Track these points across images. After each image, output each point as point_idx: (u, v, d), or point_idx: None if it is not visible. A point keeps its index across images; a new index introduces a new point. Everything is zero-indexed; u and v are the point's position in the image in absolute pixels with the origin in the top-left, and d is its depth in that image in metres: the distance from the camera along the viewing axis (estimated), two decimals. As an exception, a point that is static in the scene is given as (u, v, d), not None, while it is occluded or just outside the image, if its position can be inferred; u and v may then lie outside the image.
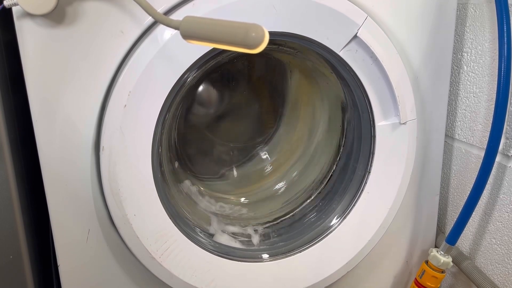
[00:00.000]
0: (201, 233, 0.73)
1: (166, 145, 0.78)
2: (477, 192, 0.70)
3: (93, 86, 0.57)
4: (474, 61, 0.75)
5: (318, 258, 0.73)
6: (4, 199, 0.61)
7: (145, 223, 0.61)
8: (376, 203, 0.74)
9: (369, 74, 0.67)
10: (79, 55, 0.56)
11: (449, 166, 0.85)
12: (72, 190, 0.61)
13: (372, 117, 0.70)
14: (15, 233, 0.63)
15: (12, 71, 0.63)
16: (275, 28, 0.60)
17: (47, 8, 0.51)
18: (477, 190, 0.70)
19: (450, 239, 0.75)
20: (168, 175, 0.78)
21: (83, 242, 0.64)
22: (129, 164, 0.58)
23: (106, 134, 0.57)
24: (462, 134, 0.80)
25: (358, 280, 0.84)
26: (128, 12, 0.55)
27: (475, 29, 0.74)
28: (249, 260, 0.70)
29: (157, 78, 0.56)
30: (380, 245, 0.77)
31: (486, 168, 0.68)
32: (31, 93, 0.55)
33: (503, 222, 0.73)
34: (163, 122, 0.65)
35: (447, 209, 0.87)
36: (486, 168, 0.68)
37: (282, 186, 0.92)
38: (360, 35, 0.63)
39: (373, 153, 0.72)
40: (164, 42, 0.55)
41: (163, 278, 0.64)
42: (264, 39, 0.38)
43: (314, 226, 0.77)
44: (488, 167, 0.68)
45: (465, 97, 0.79)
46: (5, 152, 0.60)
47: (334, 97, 0.84)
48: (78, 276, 0.65)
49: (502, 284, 0.74)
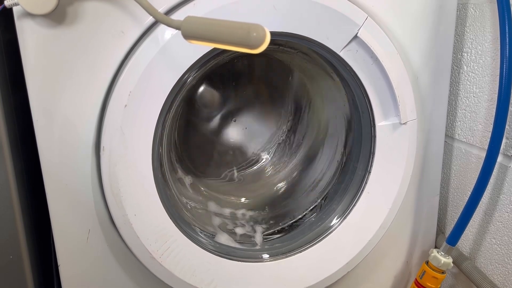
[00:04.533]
0: (201, 233, 0.73)
1: (166, 145, 0.78)
2: (478, 193, 0.70)
3: (94, 86, 0.57)
4: (474, 61, 0.75)
5: (318, 258, 0.73)
6: (4, 199, 0.61)
7: (145, 223, 0.61)
8: (376, 203, 0.74)
9: (369, 74, 0.67)
10: (80, 55, 0.55)
11: (449, 166, 0.85)
12: (72, 190, 0.61)
13: (372, 117, 0.70)
14: (15, 233, 0.63)
15: (12, 71, 0.63)
16: (276, 28, 0.60)
17: (48, 8, 0.51)
18: (478, 191, 0.70)
19: (450, 240, 0.75)
20: (168, 175, 0.78)
21: (83, 242, 0.63)
22: (130, 164, 0.58)
23: (106, 134, 0.57)
24: (462, 134, 0.80)
25: (358, 280, 0.84)
26: (128, 12, 0.55)
27: (475, 29, 0.75)
28: (249, 260, 0.70)
29: (158, 78, 0.56)
30: (380, 245, 0.77)
31: (487, 169, 0.68)
32: (31, 93, 0.55)
33: (503, 222, 0.73)
34: (163, 122, 0.65)
35: (447, 209, 0.87)
36: (487, 169, 0.68)
37: (282, 186, 0.92)
38: (360, 35, 0.63)
39: (373, 153, 0.72)
40: (164, 42, 0.55)
41: (163, 278, 0.64)
42: (265, 39, 0.38)
43: (314, 226, 0.77)
44: (489, 169, 0.68)
45: (465, 97, 0.79)
46: (5, 152, 0.60)
47: (334, 97, 0.84)
48: (78, 276, 0.65)
49: (502, 284, 0.74)
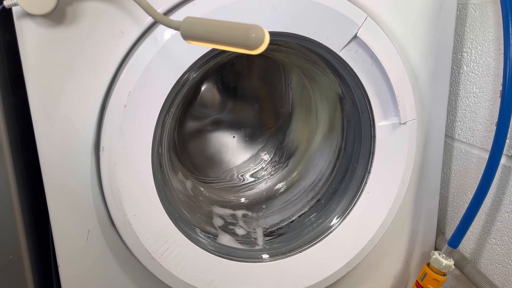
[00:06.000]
0: (201, 233, 0.73)
1: (166, 145, 0.78)
2: (480, 195, 0.69)
3: (93, 86, 0.57)
4: (474, 61, 0.75)
5: (318, 258, 0.73)
6: (4, 199, 0.61)
7: (145, 223, 0.61)
8: (376, 203, 0.74)
9: (369, 74, 0.67)
10: (79, 55, 0.55)
11: (449, 166, 0.85)
12: (72, 190, 0.61)
13: (372, 117, 0.70)
14: (15, 233, 0.63)
15: (12, 71, 0.63)
16: (275, 28, 0.60)
17: (47, 8, 0.51)
18: (480, 193, 0.69)
19: (452, 242, 0.75)
20: (168, 175, 0.78)
21: (83, 242, 0.64)
22: (129, 164, 0.58)
23: (106, 134, 0.57)
24: (462, 134, 0.80)
25: (358, 280, 0.84)
26: (128, 12, 0.55)
27: (475, 29, 0.74)
28: (249, 260, 0.70)
29: (157, 78, 0.56)
30: (380, 245, 0.77)
31: (490, 171, 0.67)
32: (31, 93, 0.55)
33: (503, 222, 0.73)
34: (163, 122, 0.65)
35: (447, 209, 0.87)
36: (490, 172, 0.67)
37: (282, 186, 0.92)
38: (360, 35, 0.63)
39: (373, 153, 0.72)
40: (164, 42, 0.55)
41: (163, 278, 0.64)
42: (264, 40, 0.38)
43: (314, 226, 0.77)
44: (492, 171, 0.67)
45: (465, 97, 0.79)
46: (5, 152, 0.60)
47: (334, 97, 0.84)
48: (78, 276, 0.65)
49: (502, 284, 0.74)
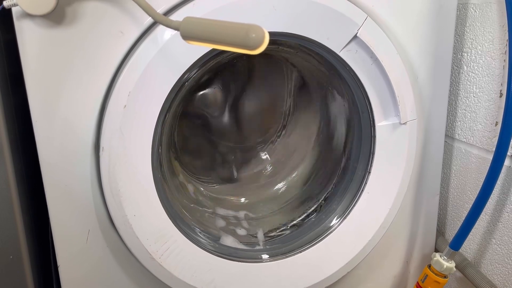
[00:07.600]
0: (200, 233, 0.73)
1: (166, 146, 0.78)
2: (483, 197, 0.68)
3: (93, 86, 0.57)
4: (474, 61, 0.75)
5: (318, 258, 0.73)
6: (4, 199, 0.61)
7: (145, 224, 0.61)
8: (376, 203, 0.74)
9: (369, 74, 0.67)
10: (79, 55, 0.55)
11: (449, 166, 0.85)
12: (72, 190, 0.61)
13: (372, 117, 0.70)
14: (15, 233, 0.63)
15: (12, 71, 0.63)
16: (275, 28, 0.60)
17: (47, 8, 0.51)
18: (483, 195, 0.68)
19: (454, 244, 0.74)
20: (168, 175, 0.78)
21: (83, 242, 0.64)
22: (129, 164, 0.58)
23: (106, 134, 0.57)
24: (462, 134, 0.80)
25: (358, 280, 0.84)
26: (127, 13, 0.55)
27: (475, 29, 0.74)
28: (249, 261, 0.70)
29: (157, 79, 0.56)
30: (380, 245, 0.77)
31: (494, 174, 0.67)
32: (31, 93, 0.55)
33: (503, 222, 0.73)
34: (163, 123, 0.64)
35: (447, 209, 0.87)
36: (494, 174, 0.67)
37: (282, 187, 0.92)
38: (360, 35, 0.63)
39: (373, 153, 0.72)
40: (164, 42, 0.55)
41: (163, 278, 0.64)
42: (264, 40, 0.38)
43: (314, 226, 0.77)
44: (496, 173, 0.67)
45: (465, 97, 0.79)
46: (5, 152, 0.60)
47: (333, 97, 0.84)
48: (78, 276, 0.65)
49: (502, 284, 0.74)
